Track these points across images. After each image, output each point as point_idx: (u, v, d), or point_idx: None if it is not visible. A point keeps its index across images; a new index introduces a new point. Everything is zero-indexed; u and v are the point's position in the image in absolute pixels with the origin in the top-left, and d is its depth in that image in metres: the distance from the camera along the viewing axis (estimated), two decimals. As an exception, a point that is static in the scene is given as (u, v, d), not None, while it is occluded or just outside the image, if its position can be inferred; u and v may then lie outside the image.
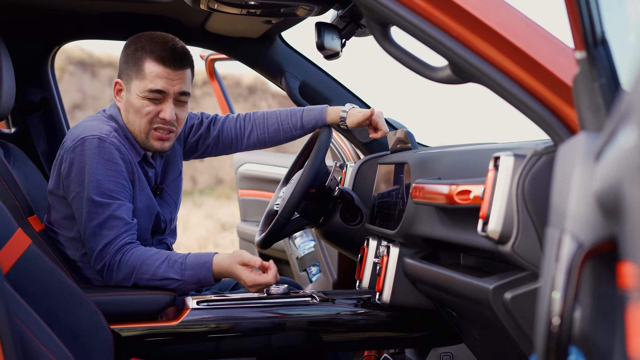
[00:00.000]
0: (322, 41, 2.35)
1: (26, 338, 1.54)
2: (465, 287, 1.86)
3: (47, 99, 3.29)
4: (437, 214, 2.02)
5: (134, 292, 2.26)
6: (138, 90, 2.38)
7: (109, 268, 2.29)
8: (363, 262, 2.55)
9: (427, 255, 2.20)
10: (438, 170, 2.11)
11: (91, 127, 2.36)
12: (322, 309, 2.35)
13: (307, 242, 3.74)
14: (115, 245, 2.29)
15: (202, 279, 2.29)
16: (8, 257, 1.97)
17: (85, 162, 2.30)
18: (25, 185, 2.65)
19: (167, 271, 2.27)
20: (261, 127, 2.77)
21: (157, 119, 2.41)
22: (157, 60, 2.37)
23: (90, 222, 2.30)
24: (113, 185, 2.31)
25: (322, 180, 2.60)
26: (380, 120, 2.68)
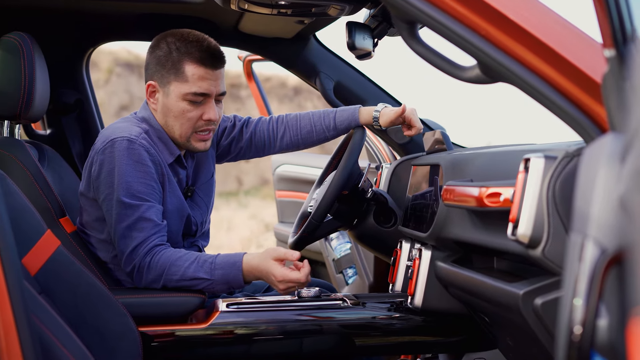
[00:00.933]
0: (352, 41, 2.32)
1: (45, 338, 1.53)
2: (495, 292, 1.81)
3: (82, 101, 3.30)
4: (468, 216, 1.97)
5: (163, 294, 2.25)
6: (179, 93, 2.37)
7: (139, 270, 2.28)
8: (396, 265, 2.51)
9: (460, 259, 2.16)
10: (470, 172, 2.06)
11: (121, 128, 2.35)
12: (353, 312, 2.32)
13: (343, 244, 3.71)
14: (145, 247, 2.28)
15: (231, 279, 2.27)
16: (36, 259, 1.97)
17: (114, 164, 2.29)
18: (59, 186, 2.66)
19: (197, 271, 2.25)
20: (294, 129, 2.74)
21: (200, 121, 2.40)
22: (197, 62, 2.35)
23: (119, 224, 2.29)
24: (142, 187, 2.29)
25: (355, 181, 2.57)
26: (414, 117, 2.63)
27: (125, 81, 14.22)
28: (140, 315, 2.16)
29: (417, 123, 2.64)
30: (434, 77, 22.72)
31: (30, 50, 2.48)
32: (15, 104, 2.45)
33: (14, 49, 2.47)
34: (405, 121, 2.64)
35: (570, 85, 1.47)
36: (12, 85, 2.45)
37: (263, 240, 10.04)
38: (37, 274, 1.96)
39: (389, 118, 2.60)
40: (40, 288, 1.95)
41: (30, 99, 2.47)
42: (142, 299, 2.24)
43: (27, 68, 2.46)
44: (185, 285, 2.26)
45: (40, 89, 2.53)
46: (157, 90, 2.42)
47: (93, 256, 2.45)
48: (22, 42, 2.48)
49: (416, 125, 2.64)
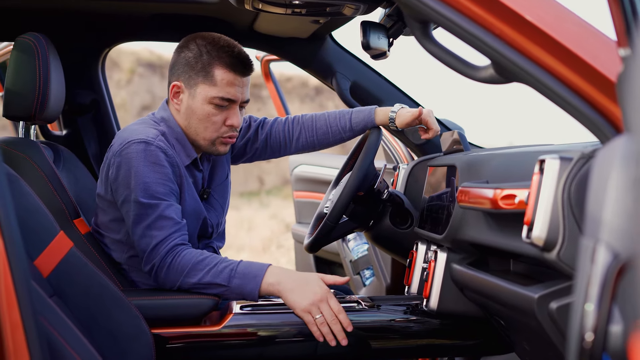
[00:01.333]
0: (367, 40, 2.29)
1: (53, 339, 1.52)
2: (510, 295, 1.78)
3: (98, 101, 3.31)
4: (484, 218, 1.95)
5: (177, 297, 2.23)
6: (205, 96, 2.36)
7: (159, 269, 2.25)
8: (412, 267, 2.48)
9: (475, 261, 2.13)
10: (486, 173, 2.03)
11: (138, 130, 2.34)
12: (368, 315, 2.30)
13: (360, 245, 3.69)
14: (166, 245, 2.25)
15: (246, 292, 2.20)
16: (49, 261, 1.96)
17: (131, 165, 2.27)
18: (74, 187, 2.66)
19: (215, 277, 2.20)
20: (310, 129, 2.72)
21: (224, 127, 2.40)
22: (228, 67, 2.35)
23: (139, 224, 2.27)
24: (160, 188, 2.28)
25: (370, 182, 2.55)
26: (430, 119, 2.60)
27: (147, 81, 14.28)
28: (153, 317, 2.15)
29: (434, 125, 2.61)
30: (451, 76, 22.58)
31: (45, 50, 2.48)
32: (30, 105, 2.45)
33: (29, 49, 2.47)
34: (422, 123, 2.62)
35: (585, 85, 1.44)
36: (27, 86, 2.45)
37: (283, 240, 10.03)
38: (50, 276, 1.96)
39: (405, 119, 2.58)
40: (52, 290, 1.95)
41: (45, 99, 2.47)
42: (155, 300, 2.23)
43: (42, 69, 2.46)
44: (198, 288, 2.23)
45: (55, 89, 2.53)
46: (182, 91, 2.41)
47: (107, 257, 2.44)
48: (37, 42, 2.48)
49: (433, 128, 2.61)
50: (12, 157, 2.39)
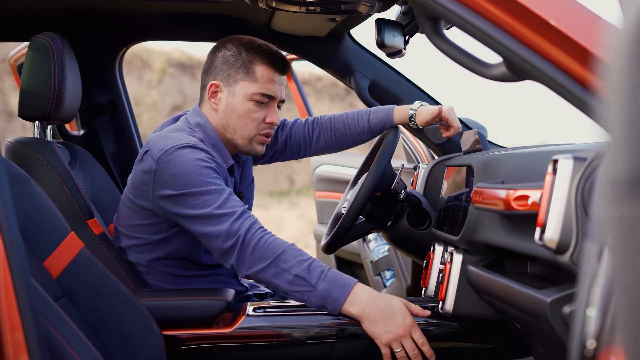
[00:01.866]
0: (382, 38, 2.26)
1: (53, 339, 1.51)
2: (523, 298, 1.74)
3: (115, 101, 3.30)
4: (499, 219, 1.90)
5: (188, 297, 2.21)
6: (246, 93, 2.35)
7: (243, 243, 2.10)
8: (429, 269, 2.44)
9: (491, 263, 2.08)
10: (502, 173, 1.99)
11: (178, 137, 2.27)
12: None
13: (381, 245, 3.65)
14: (249, 218, 2.13)
15: (331, 299, 2.09)
16: (59, 262, 1.95)
17: (182, 169, 2.18)
18: (91, 187, 2.65)
19: (306, 272, 2.08)
20: (328, 131, 2.70)
21: (263, 124, 2.38)
22: (269, 64, 2.36)
23: (204, 208, 2.13)
24: (216, 180, 2.19)
25: (387, 183, 2.51)
26: (451, 116, 2.57)
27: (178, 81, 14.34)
28: (165, 319, 2.13)
29: (455, 122, 2.57)
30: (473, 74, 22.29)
31: (61, 50, 2.47)
32: (44, 105, 2.45)
33: (44, 49, 2.46)
34: (442, 121, 2.58)
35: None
36: (42, 86, 2.45)
37: (310, 240, 10.01)
38: (59, 277, 1.95)
39: (425, 118, 2.55)
40: (62, 291, 1.94)
41: (60, 99, 2.46)
42: (167, 302, 2.21)
43: (57, 68, 2.45)
44: (284, 278, 2.10)
45: (71, 89, 2.52)
46: (220, 90, 2.39)
47: (122, 258, 2.42)
48: (52, 42, 2.48)
49: (454, 125, 2.57)
50: (26, 157, 2.39)
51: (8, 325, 1.34)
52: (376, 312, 2.07)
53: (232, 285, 2.52)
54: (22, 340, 1.35)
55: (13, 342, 1.34)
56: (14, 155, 2.42)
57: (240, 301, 2.49)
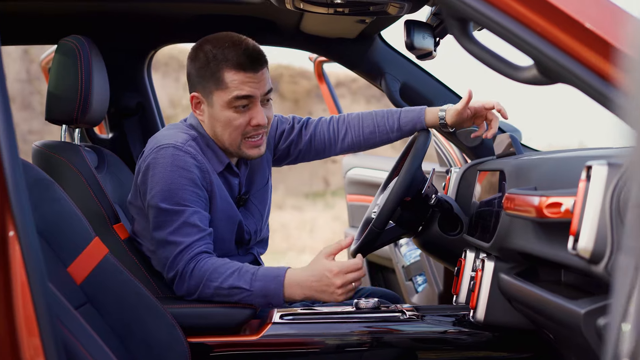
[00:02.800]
0: (411, 40, 2.21)
1: (71, 345, 1.48)
2: (556, 309, 1.68)
3: (143, 104, 3.28)
4: (532, 226, 1.85)
5: (214, 305, 2.18)
6: (222, 102, 2.28)
7: (181, 276, 2.20)
8: (460, 276, 2.39)
9: (524, 272, 2.02)
10: (534, 178, 1.93)
11: (168, 135, 2.30)
12: (412, 325, 2.21)
13: (413, 250, 3.59)
14: (190, 252, 2.20)
15: (270, 293, 2.15)
16: (82, 267, 1.93)
17: (158, 170, 2.23)
18: (119, 191, 2.63)
19: (236, 280, 2.15)
20: (356, 129, 2.63)
21: (248, 127, 2.31)
22: (236, 68, 2.25)
23: (162, 230, 2.22)
24: (187, 194, 2.22)
25: (418, 187, 2.46)
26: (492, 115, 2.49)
27: None
28: (190, 326, 2.10)
29: (496, 124, 2.50)
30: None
31: (88, 53, 2.46)
32: (72, 108, 2.43)
33: (71, 52, 2.45)
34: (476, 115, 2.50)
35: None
36: (69, 89, 2.43)
37: (344, 242, 9.93)
38: (83, 283, 1.93)
39: (455, 113, 2.46)
40: (85, 298, 1.91)
41: (87, 102, 2.44)
42: (192, 309, 2.18)
43: (84, 71, 2.44)
44: (221, 294, 2.16)
45: (98, 92, 2.51)
46: (201, 102, 2.34)
47: (147, 263, 2.40)
48: (80, 45, 2.46)
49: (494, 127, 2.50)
50: (51, 161, 2.37)
51: (25, 330, 1.33)
52: (313, 286, 2.15)
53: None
54: (39, 346, 1.33)
55: (30, 347, 1.32)
56: (40, 159, 2.41)
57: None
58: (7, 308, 1.32)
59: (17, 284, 1.33)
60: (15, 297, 1.33)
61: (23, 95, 11.93)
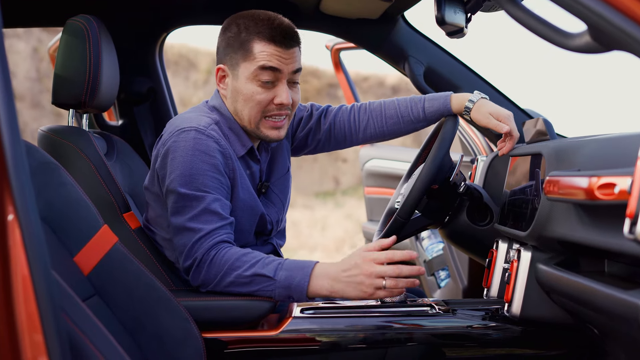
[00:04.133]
0: (442, 15, 2.06)
1: (76, 339, 1.35)
2: (608, 301, 1.54)
3: (155, 89, 3.14)
4: (575, 212, 1.70)
5: (231, 298, 2.04)
6: (247, 73, 2.17)
7: (199, 264, 2.05)
8: (492, 268, 2.25)
9: (564, 261, 1.88)
10: (577, 161, 1.78)
11: (189, 119, 2.17)
12: (442, 320, 2.07)
13: (435, 244, 3.45)
14: (211, 239, 2.06)
15: (294, 285, 1.99)
16: (90, 257, 1.81)
17: (178, 154, 2.10)
18: (129, 179, 2.51)
19: (261, 268, 2.01)
20: (378, 119, 2.50)
21: (271, 105, 2.19)
22: (266, 40, 2.15)
23: (181, 216, 2.08)
24: (208, 180, 2.09)
25: (446, 175, 2.32)
26: (511, 124, 2.36)
27: None
28: (205, 320, 1.97)
29: (515, 132, 2.36)
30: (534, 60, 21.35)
31: (97, 34, 2.33)
32: (79, 92, 2.32)
33: (79, 32, 2.33)
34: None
35: None
36: (77, 72, 2.32)
37: (357, 240, 9.86)
38: (91, 274, 1.80)
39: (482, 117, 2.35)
40: (93, 289, 1.79)
41: (96, 86, 2.32)
42: (208, 302, 2.04)
43: (93, 53, 2.31)
44: (240, 282, 2.01)
45: (108, 75, 2.39)
46: (227, 75, 2.24)
47: (159, 254, 2.27)
48: (89, 25, 2.34)
49: (514, 135, 2.36)
50: (58, 145, 2.25)
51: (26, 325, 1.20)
52: (341, 277, 1.99)
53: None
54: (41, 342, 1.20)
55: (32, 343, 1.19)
56: (46, 144, 2.28)
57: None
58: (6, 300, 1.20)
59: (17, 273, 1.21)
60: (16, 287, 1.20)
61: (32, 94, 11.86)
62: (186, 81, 13.83)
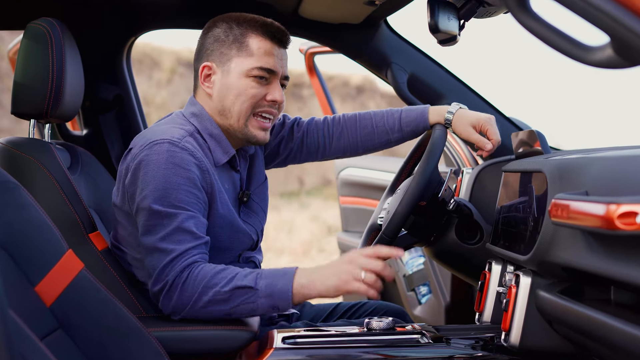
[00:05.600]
0: (435, 22, 1.93)
1: None
2: (618, 335, 1.41)
3: (122, 97, 2.97)
4: (583, 238, 1.58)
5: (208, 327, 1.89)
6: (241, 70, 2.08)
7: (171, 288, 1.90)
8: (484, 291, 2.12)
9: (568, 289, 1.75)
10: (584, 181, 1.65)
11: (161, 131, 2.03)
12: (435, 351, 1.93)
13: (415, 258, 3.32)
14: (184, 261, 1.91)
15: (276, 292, 1.87)
16: (53, 286, 1.66)
17: (151, 169, 1.94)
18: (94, 194, 2.36)
19: (240, 280, 1.88)
20: (352, 129, 2.39)
21: (262, 101, 2.10)
22: (265, 35, 2.09)
23: (152, 235, 1.93)
24: (183, 195, 1.94)
25: (434, 190, 2.19)
26: (491, 128, 2.26)
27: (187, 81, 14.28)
28: (179, 352, 1.84)
29: (495, 135, 2.26)
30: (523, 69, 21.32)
31: (60, 38, 2.18)
32: (41, 100, 2.17)
33: (41, 37, 2.18)
34: (482, 131, 2.26)
35: None
36: (38, 79, 2.17)
37: (325, 243, 9.73)
38: (54, 305, 1.65)
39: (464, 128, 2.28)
40: (56, 322, 1.64)
41: (59, 94, 2.18)
42: (182, 332, 1.88)
43: (56, 59, 2.17)
44: (219, 299, 1.88)
45: (72, 83, 2.25)
46: (213, 72, 2.12)
47: (129, 277, 2.11)
48: (51, 29, 2.19)
49: (493, 138, 2.26)
50: (19, 161, 2.09)
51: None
52: (325, 272, 1.89)
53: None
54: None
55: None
56: (4, 158, 2.12)
57: (263, 324, 2.17)
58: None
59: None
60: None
61: (-9, 92, 11.61)
62: (149, 80, 13.66)
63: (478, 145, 2.26)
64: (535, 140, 2.25)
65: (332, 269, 1.88)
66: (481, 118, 2.28)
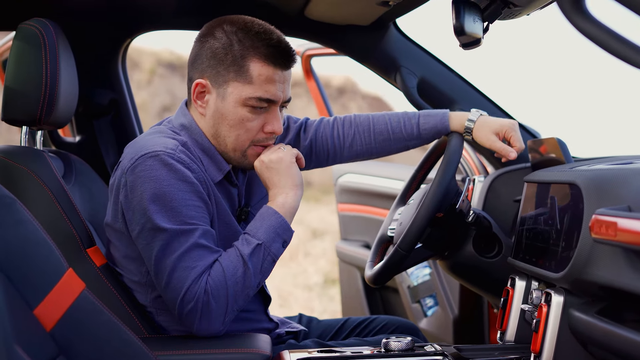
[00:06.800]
0: (461, 24, 1.81)
1: None
2: None
3: (117, 102, 2.83)
4: (626, 256, 1.47)
5: (215, 350, 1.76)
6: (239, 97, 1.91)
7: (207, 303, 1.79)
8: (507, 308, 2.00)
9: (605, 309, 1.64)
10: (625, 196, 1.54)
11: (151, 141, 1.88)
12: None
13: (421, 268, 3.20)
14: (207, 276, 1.80)
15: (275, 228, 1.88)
16: (53, 309, 1.54)
17: (150, 187, 1.80)
18: (89, 205, 2.23)
19: (245, 250, 1.84)
20: (366, 134, 2.25)
21: (260, 134, 1.95)
22: (267, 60, 1.90)
23: (167, 257, 1.79)
24: (192, 210, 1.81)
25: (452, 201, 2.08)
26: (514, 135, 2.15)
27: (167, 82, 14.18)
28: None
29: (519, 142, 2.15)
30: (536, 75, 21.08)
31: (54, 40, 2.07)
32: (34, 107, 2.04)
33: (34, 38, 2.05)
34: (505, 139, 2.15)
35: None
36: (31, 83, 2.05)
37: (310, 247, 9.61)
38: (54, 329, 1.53)
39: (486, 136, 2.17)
40: (57, 348, 1.51)
41: (53, 99, 2.06)
42: (188, 355, 1.76)
43: (50, 62, 2.05)
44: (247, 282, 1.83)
45: (66, 87, 2.13)
46: (207, 91, 1.95)
47: (129, 296, 1.97)
48: (44, 30, 2.07)
49: (517, 145, 2.15)
50: (11, 171, 1.96)
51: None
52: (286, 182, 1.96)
53: (260, 322, 2.11)
54: None
55: None
56: None
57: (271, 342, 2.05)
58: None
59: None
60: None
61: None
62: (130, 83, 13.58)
63: (501, 154, 2.14)
64: (557, 148, 2.15)
65: (282, 177, 1.93)
66: (504, 125, 2.16)
